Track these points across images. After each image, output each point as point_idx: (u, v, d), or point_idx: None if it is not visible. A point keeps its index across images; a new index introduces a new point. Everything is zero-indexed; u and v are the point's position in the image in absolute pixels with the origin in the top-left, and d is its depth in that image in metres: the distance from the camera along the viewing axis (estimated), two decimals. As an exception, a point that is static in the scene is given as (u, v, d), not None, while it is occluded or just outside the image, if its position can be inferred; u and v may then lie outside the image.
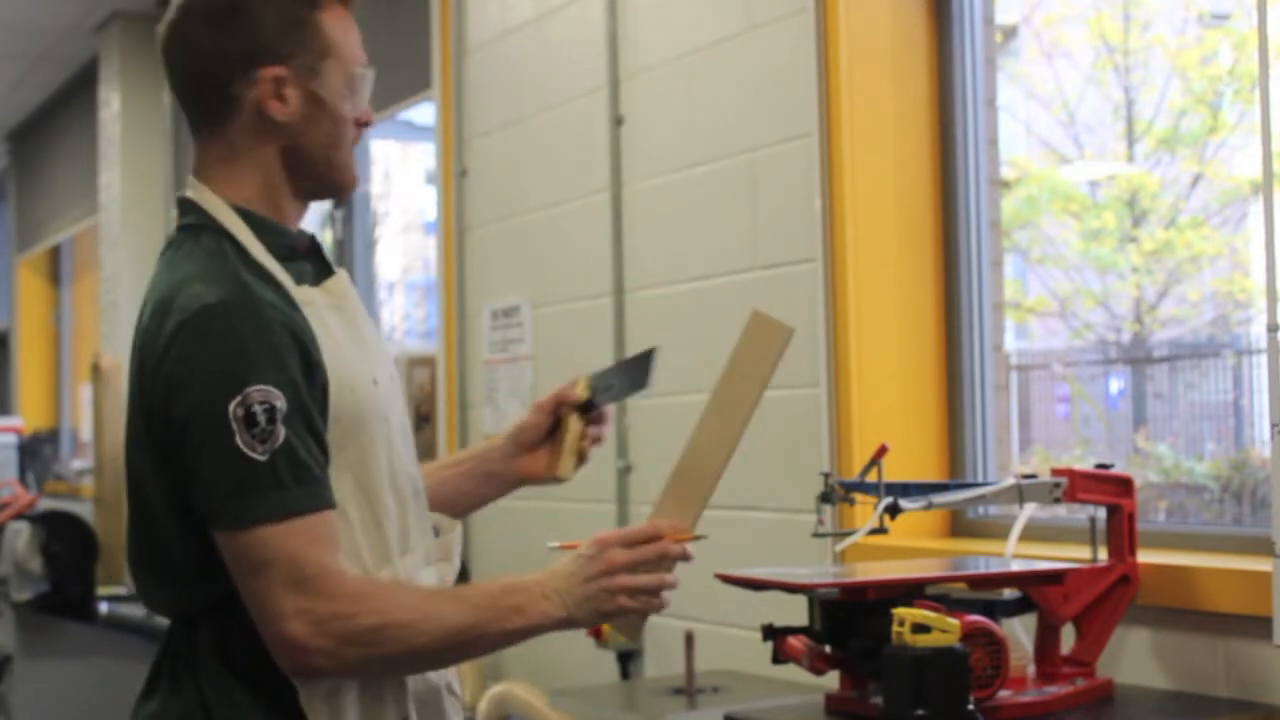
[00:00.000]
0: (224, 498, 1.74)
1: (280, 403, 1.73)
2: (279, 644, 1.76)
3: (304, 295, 1.83)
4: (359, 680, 1.83)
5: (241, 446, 1.72)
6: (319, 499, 1.76)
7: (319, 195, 1.95)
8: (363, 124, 1.93)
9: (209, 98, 1.87)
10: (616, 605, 1.82)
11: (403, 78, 4.94)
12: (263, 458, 1.73)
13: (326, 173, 1.91)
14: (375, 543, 1.85)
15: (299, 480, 1.74)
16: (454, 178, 4.60)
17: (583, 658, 3.77)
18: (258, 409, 1.73)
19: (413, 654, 1.80)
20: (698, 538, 1.87)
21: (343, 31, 1.90)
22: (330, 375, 1.80)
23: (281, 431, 1.73)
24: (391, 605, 1.77)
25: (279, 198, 1.89)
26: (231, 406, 1.73)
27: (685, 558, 1.85)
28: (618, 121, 3.92)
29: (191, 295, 1.77)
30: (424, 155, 8.93)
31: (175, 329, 1.77)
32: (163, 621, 1.92)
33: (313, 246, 1.92)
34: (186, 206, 1.89)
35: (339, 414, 1.81)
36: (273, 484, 1.73)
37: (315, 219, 5.82)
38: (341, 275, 1.92)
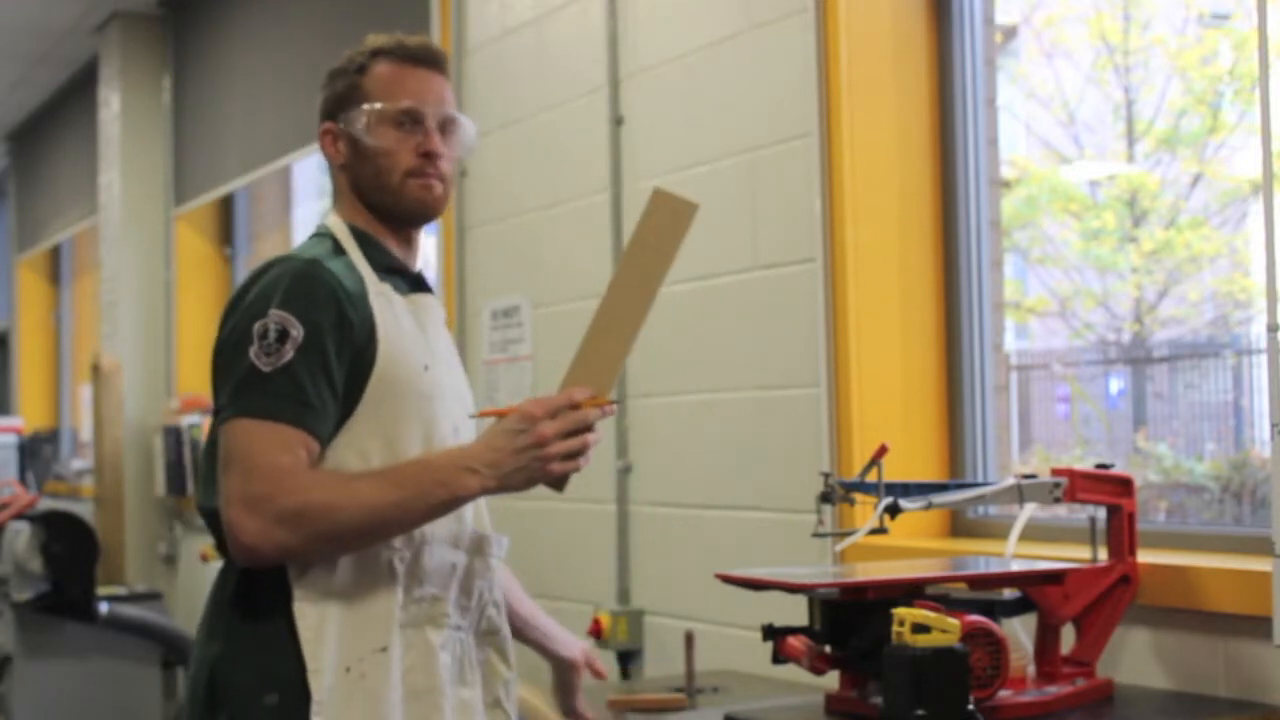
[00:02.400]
0: (228, 394, 2.03)
1: (295, 331, 2.01)
2: (226, 527, 1.99)
3: (380, 288, 2.13)
4: (343, 601, 2.04)
5: (252, 357, 2.01)
6: (304, 419, 2.00)
7: (401, 220, 2.23)
8: (423, 153, 2.19)
9: (319, 146, 2.28)
10: (548, 471, 2.02)
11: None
12: (266, 369, 2.00)
13: (383, 199, 2.21)
14: None
15: (293, 399, 2.00)
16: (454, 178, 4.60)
17: (583, 658, 3.76)
18: (271, 327, 2.02)
19: (341, 530, 2.00)
20: (612, 403, 2.05)
21: (385, 81, 2.22)
22: (380, 340, 2.08)
23: (289, 353, 2.00)
24: (314, 487, 1.98)
25: (373, 220, 2.23)
26: (256, 326, 2.03)
27: (606, 416, 2.05)
28: (618, 121, 3.92)
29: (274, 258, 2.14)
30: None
31: (246, 276, 2.13)
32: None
33: (417, 275, 2.25)
34: (320, 225, 2.26)
35: (381, 373, 2.07)
36: (265, 391, 2.00)
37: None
38: (430, 297, 2.24)
